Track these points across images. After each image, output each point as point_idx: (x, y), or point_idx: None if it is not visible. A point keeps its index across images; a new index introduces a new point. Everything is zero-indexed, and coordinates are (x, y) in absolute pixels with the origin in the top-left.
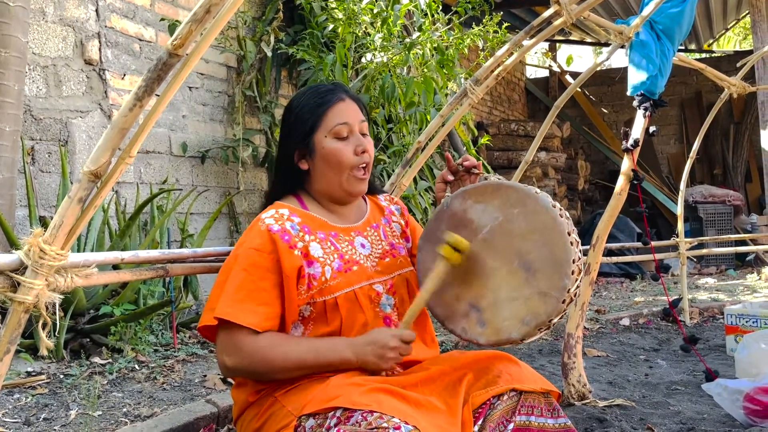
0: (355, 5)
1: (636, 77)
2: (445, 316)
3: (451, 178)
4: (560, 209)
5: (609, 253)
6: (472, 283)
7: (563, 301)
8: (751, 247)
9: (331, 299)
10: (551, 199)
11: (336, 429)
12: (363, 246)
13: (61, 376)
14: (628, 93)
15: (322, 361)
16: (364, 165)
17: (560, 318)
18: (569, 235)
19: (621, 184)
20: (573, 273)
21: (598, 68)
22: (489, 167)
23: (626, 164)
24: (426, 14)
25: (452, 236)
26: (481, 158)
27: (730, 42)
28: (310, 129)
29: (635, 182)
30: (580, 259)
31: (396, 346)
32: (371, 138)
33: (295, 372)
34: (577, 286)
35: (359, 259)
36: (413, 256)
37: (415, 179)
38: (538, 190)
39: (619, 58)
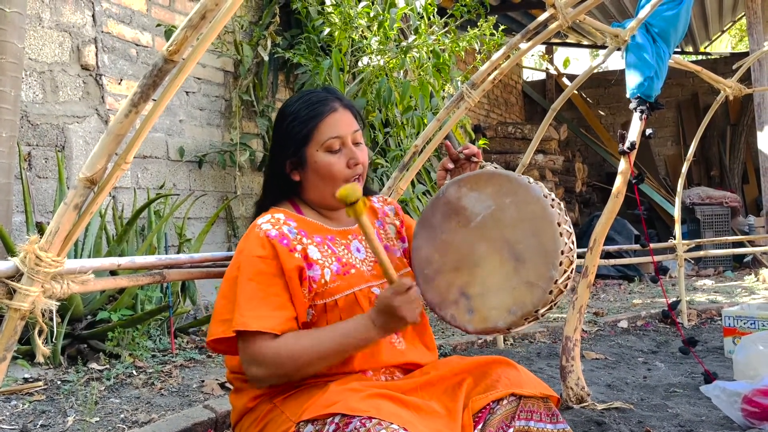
0: (351, 9)
1: (633, 80)
2: (436, 303)
3: (451, 165)
4: (552, 199)
5: (607, 255)
6: (464, 271)
7: (550, 292)
8: (749, 249)
9: (331, 301)
10: (545, 189)
11: None
12: (358, 250)
13: (59, 383)
14: (628, 95)
15: (348, 346)
16: (357, 176)
17: (548, 309)
18: (559, 225)
19: (618, 185)
20: (561, 264)
21: (595, 71)
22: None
23: (623, 166)
24: (422, 17)
25: (338, 191)
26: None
27: (722, 42)
28: (301, 142)
29: (634, 182)
30: (571, 250)
31: (400, 303)
32: (367, 143)
33: (321, 363)
34: (568, 277)
35: (355, 263)
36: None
37: (412, 183)
38: (532, 180)
39: (615, 61)
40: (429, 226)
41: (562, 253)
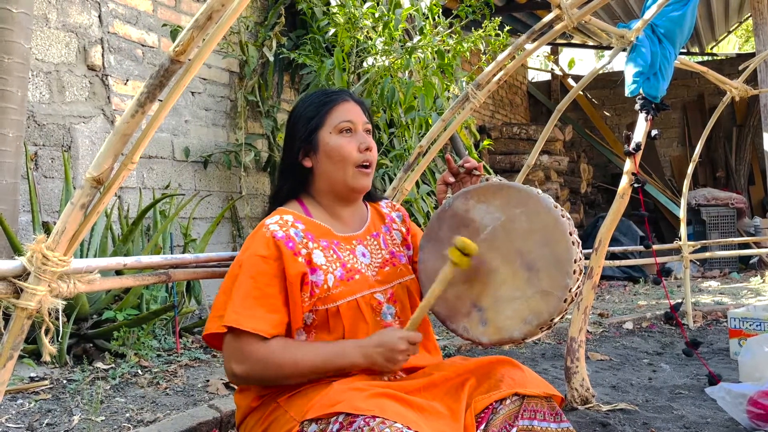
0: (357, 10)
1: (629, 77)
2: (446, 316)
3: (452, 179)
4: (561, 210)
5: (612, 256)
6: (474, 283)
7: (565, 300)
8: (755, 250)
9: (333, 307)
10: (552, 199)
11: None
12: (364, 255)
13: (64, 382)
14: (627, 94)
15: (331, 365)
16: (368, 163)
17: (561, 317)
18: (571, 235)
19: (624, 185)
20: (575, 272)
21: (600, 71)
22: (491, 170)
23: (629, 166)
24: (427, 18)
25: (461, 240)
26: (482, 161)
27: (729, 43)
28: (314, 126)
29: (636, 185)
30: (581, 259)
31: (404, 349)
32: (374, 141)
33: (304, 377)
34: (579, 286)
35: (360, 268)
36: (415, 263)
37: (417, 183)
38: (540, 191)
39: (621, 62)
40: (436, 239)
41: (575, 261)
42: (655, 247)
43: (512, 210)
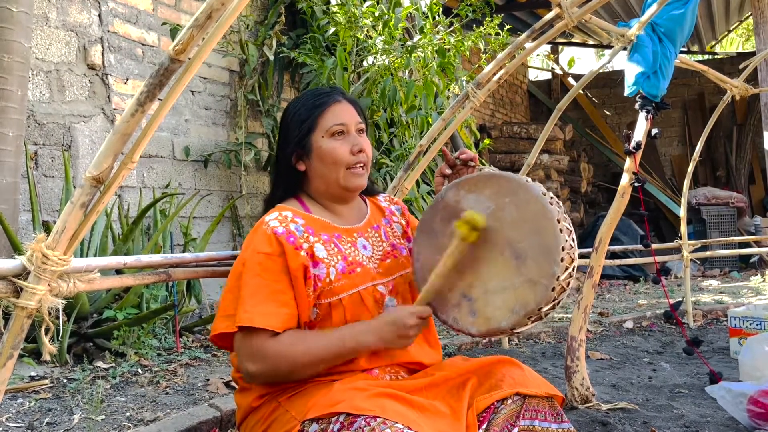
0: (357, 9)
1: (631, 77)
2: (437, 306)
3: (448, 171)
4: (551, 197)
5: (612, 255)
6: (465, 273)
7: (552, 289)
8: (755, 249)
9: (336, 300)
10: (543, 188)
11: None
12: (365, 247)
13: (65, 381)
14: (626, 94)
15: (344, 350)
16: (362, 164)
17: (551, 307)
18: (559, 222)
19: (624, 183)
20: (563, 260)
21: (601, 70)
22: (486, 163)
23: (629, 165)
24: (427, 16)
25: (469, 213)
26: (483, 160)
27: (733, 43)
28: (306, 130)
29: (636, 185)
30: (571, 247)
31: (415, 324)
32: (372, 143)
33: (319, 366)
34: (570, 275)
35: (362, 261)
36: None
37: (417, 182)
38: (530, 179)
39: (621, 61)
40: (429, 230)
41: (563, 249)
42: (656, 246)
43: (502, 199)
